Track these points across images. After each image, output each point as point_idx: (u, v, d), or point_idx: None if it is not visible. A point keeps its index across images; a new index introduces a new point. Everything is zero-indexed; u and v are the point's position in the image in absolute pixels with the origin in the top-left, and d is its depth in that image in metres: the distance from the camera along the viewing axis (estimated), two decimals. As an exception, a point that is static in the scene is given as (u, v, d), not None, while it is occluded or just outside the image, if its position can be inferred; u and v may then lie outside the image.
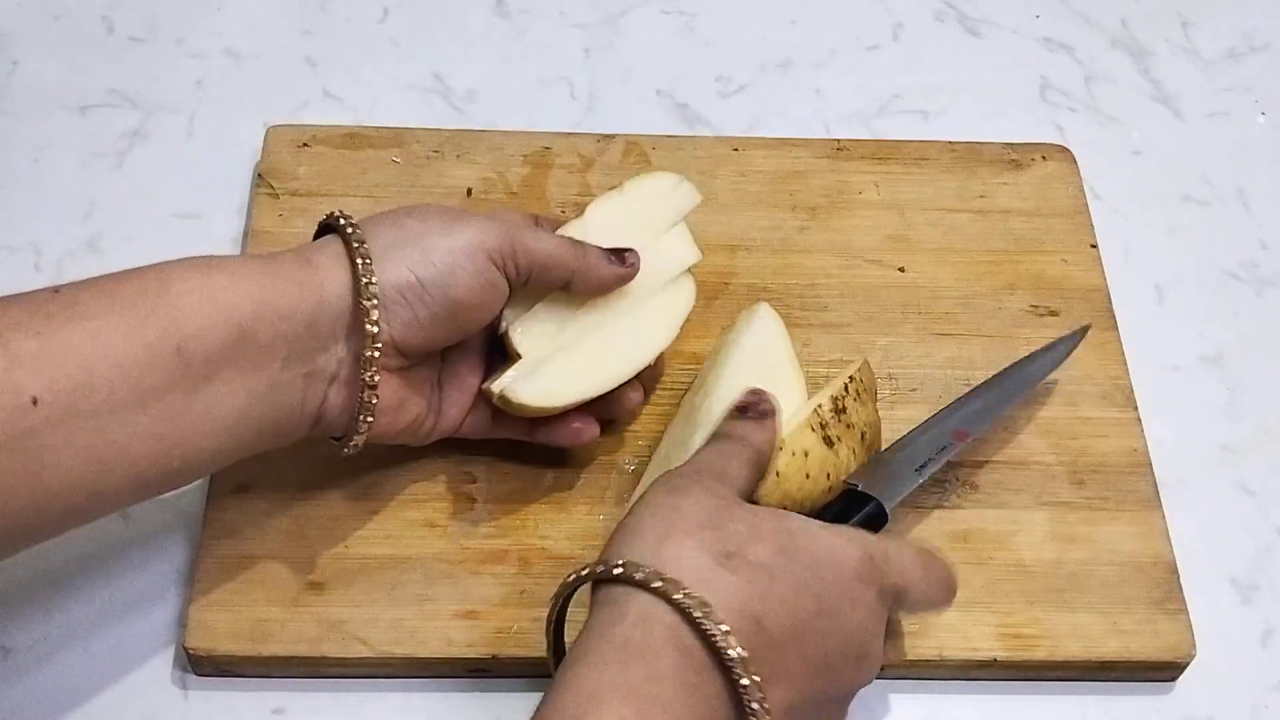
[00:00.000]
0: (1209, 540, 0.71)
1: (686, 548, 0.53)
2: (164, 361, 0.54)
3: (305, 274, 0.59)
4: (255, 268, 0.58)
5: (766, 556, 0.53)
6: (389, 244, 0.60)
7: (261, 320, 0.57)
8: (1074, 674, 0.66)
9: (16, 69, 0.86)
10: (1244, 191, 0.85)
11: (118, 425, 0.53)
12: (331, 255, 0.60)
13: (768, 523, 0.55)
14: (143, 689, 0.64)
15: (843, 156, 0.82)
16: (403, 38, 0.89)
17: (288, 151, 0.79)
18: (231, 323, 0.56)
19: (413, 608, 0.65)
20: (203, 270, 0.57)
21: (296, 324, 0.58)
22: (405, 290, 0.59)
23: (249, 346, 0.56)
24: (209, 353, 0.55)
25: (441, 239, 0.61)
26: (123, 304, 0.54)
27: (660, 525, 0.54)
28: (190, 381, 0.55)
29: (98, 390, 0.53)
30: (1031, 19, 0.93)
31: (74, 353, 0.52)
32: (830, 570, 0.54)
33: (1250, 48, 0.92)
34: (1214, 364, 0.78)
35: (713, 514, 0.54)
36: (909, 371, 0.73)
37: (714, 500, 0.55)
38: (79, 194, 0.80)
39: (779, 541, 0.54)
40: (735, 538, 0.53)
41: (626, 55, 0.89)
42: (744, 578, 0.52)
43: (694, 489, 0.56)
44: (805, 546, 0.54)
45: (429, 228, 0.61)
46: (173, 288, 0.55)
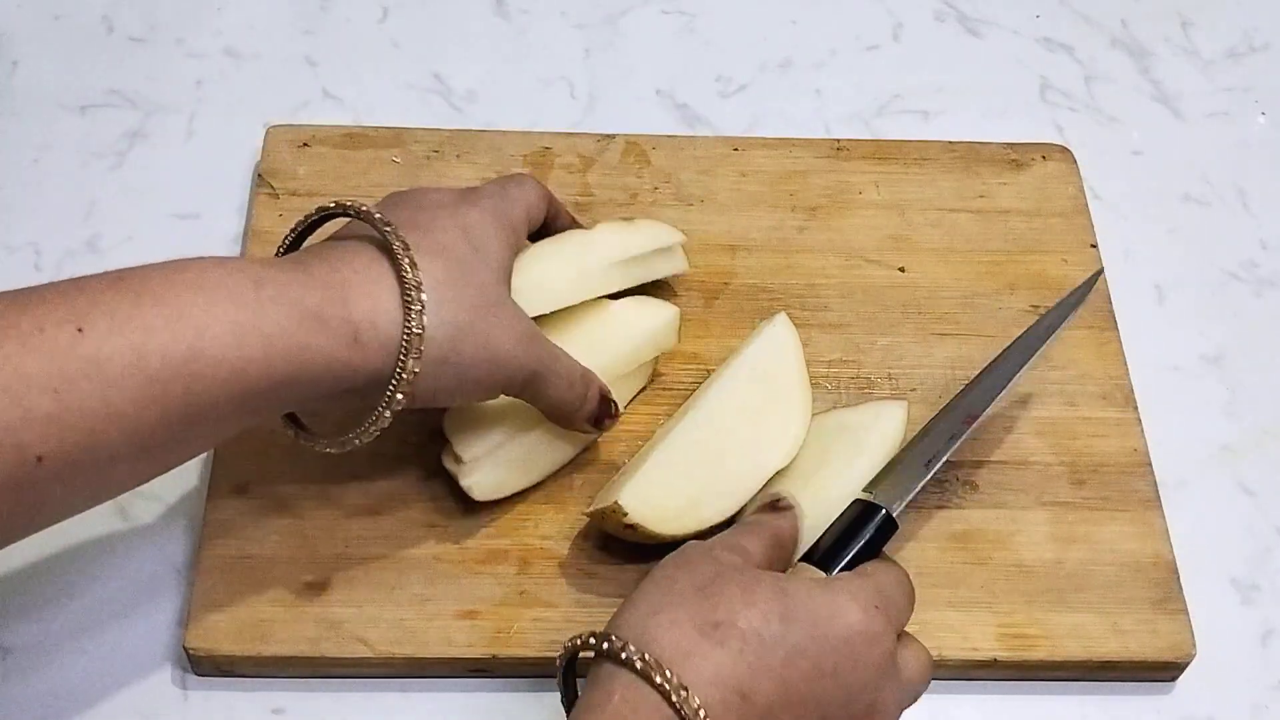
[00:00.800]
0: (1209, 540, 0.71)
1: (675, 620, 0.52)
2: (175, 425, 0.53)
3: (345, 352, 0.56)
4: (298, 336, 0.54)
5: (758, 623, 0.52)
6: (439, 359, 0.57)
7: (286, 392, 0.56)
8: (1074, 674, 0.66)
9: (16, 69, 0.86)
10: (1244, 191, 0.85)
11: (115, 471, 0.54)
12: (378, 341, 0.56)
13: (764, 587, 0.54)
14: (143, 689, 0.64)
15: (843, 156, 0.82)
16: (403, 38, 0.89)
17: (288, 151, 0.79)
18: (253, 394, 0.55)
19: (413, 608, 0.65)
20: (241, 335, 0.53)
21: (317, 394, 0.57)
22: (427, 397, 0.58)
23: (263, 407, 0.56)
24: (220, 416, 0.55)
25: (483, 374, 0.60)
26: (147, 373, 0.52)
27: (655, 597, 0.54)
28: (193, 434, 0.55)
29: (100, 450, 0.52)
30: (1031, 19, 0.93)
31: (87, 418, 0.51)
32: (829, 632, 0.53)
33: (1250, 48, 0.92)
34: (1214, 364, 0.78)
35: (709, 581, 0.54)
36: (909, 371, 0.73)
37: (714, 568, 0.55)
38: (79, 194, 0.80)
39: (774, 607, 0.53)
40: (726, 605, 0.53)
41: (626, 55, 0.89)
42: (731, 649, 0.52)
43: (698, 559, 0.56)
44: (803, 610, 0.53)
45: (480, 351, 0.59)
46: (204, 356, 0.53)
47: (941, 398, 0.72)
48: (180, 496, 0.69)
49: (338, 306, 0.56)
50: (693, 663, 0.51)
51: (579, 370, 0.64)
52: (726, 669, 0.51)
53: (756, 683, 0.51)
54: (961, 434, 0.65)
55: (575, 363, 0.64)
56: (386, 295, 0.57)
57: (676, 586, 0.54)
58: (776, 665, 0.52)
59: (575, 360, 0.64)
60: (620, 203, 0.79)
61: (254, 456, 0.68)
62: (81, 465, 0.52)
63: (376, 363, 0.57)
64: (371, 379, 0.57)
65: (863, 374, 0.73)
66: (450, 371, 0.58)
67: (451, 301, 0.58)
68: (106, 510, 0.68)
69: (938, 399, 0.72)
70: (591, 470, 0.69)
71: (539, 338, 0.62)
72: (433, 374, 0.57)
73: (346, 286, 0.56)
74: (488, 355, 0.59)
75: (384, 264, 0.57)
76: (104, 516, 0.68)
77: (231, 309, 0.54)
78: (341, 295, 0.56)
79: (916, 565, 0.66)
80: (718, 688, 0.51)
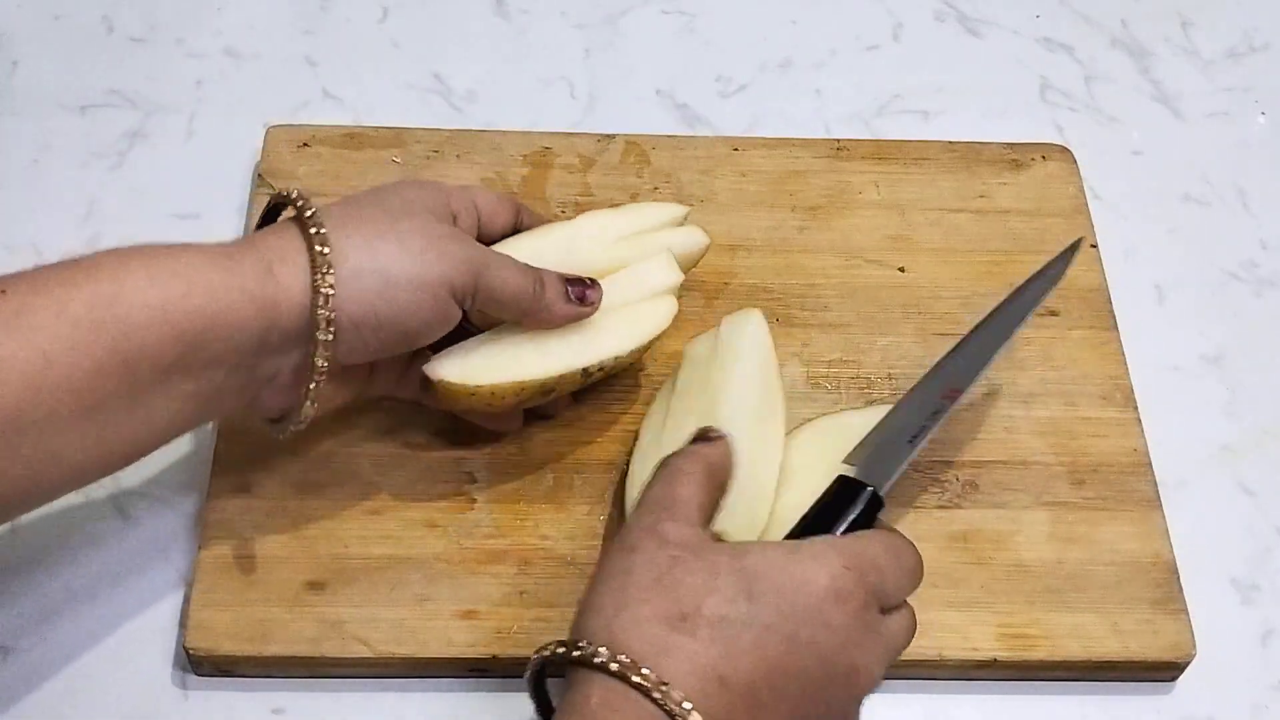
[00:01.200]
0: (1209, 540, 0.71)
1: (639, 617, 0.52)
2: (111, 375, 0.54)
3: (263, 286, 0.57)
4: (213, 274, 0.56)
5: (725, 607, 0.52)
6: (354, 271, 0.58)
7: (214, 334, 0.56)
8: (1074, 674, 0.66)
9: (16, 69, 0.86)
10: (1244, 191, 0.85)
11: (59, 435, 0.53)
12: (293, 268, 0.58)
13: (724, 567, 0.53)
14: (143, 689, 0.64)
15: (843, 156, 0.82)
16: (403, 38, 0.89)
17: (288, 151, 0.79)
18: (184, 337, 0.55)
19: (413, 608, 0.65)
20: (157, 277, 0.55)
21: (248, 337, 0.57)
22: (361, 323, 0.59)
23: (198, 357, 0.56)
24: (157, 365, 0.55)
25: (409, 271, 0.59)
26: (73, 317, 0.53)
27: (615, 595, 0.53)
28: (135, 392, 0.55)
29: (41, 404, 0.52)
30: (1031, 19, 0.93)
31: (20, 369, 0.52)
32: (799, 600, 0.53)
33: (1250, 48, 0.92)
34: (1214, 364, 0.78)
35: (665, 570, 0.53)
36: (909, 371, 0.73)
37: (665, 553, 0.54)
38: (79, 194, 0.80)
39: (738, 586, 0.53)
40: (690, 595, 0.52)
41: (626, 55, 0.89)
42: (702, 638, 0.51)
43: (645, 542, 0.54)
44: (767, 584, 0.53)
45: (400, 254, 0.59)
46: (125, 299, 0.54)
47: (941, 398, 0.72)
48: (180, 496, 0.69)
49: (248, 250, 0.58)
50: (667, 658, 0.51)
51: (520, 262, 0.64)
52: (701, 658, 0.51)
53: (733, 665, 0.51)
54: (944, 410, 0.64)
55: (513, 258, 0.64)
56: (292, 236, 0.59)
57: (634, 579, 0.53)
58: (749, 644, 0.52)
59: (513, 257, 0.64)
60: (620, 203, 0.79)
61: (254, 456, 0.68)
62: (22, 422, 0.52)
63: (294, 292, 0.57)
64: (295, 314, 0.57)
65: (863, 374, 0.73)
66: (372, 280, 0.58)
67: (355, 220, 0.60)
68: (107, 510, 0.68)
69: (938, 399, 0.72)
70: (591, 471, 0.69)
71: (463, 239, 0.62)
72: (355, 289, 0.58)
73: (254, 241, 0.59)
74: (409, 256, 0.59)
75: (292, 226, 0.60)
76: (104, 517, 0.68)
77: (147, 260, 0.56)
78: (250, 245, 0.59)
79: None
80: (696, 678, 0.51)
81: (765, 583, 0.53)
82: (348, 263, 0.58)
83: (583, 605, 0.54)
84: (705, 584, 0.53)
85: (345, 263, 0.58)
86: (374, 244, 0.59)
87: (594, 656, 0.51)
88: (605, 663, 0.51)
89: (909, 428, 0.63)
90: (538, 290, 0.63)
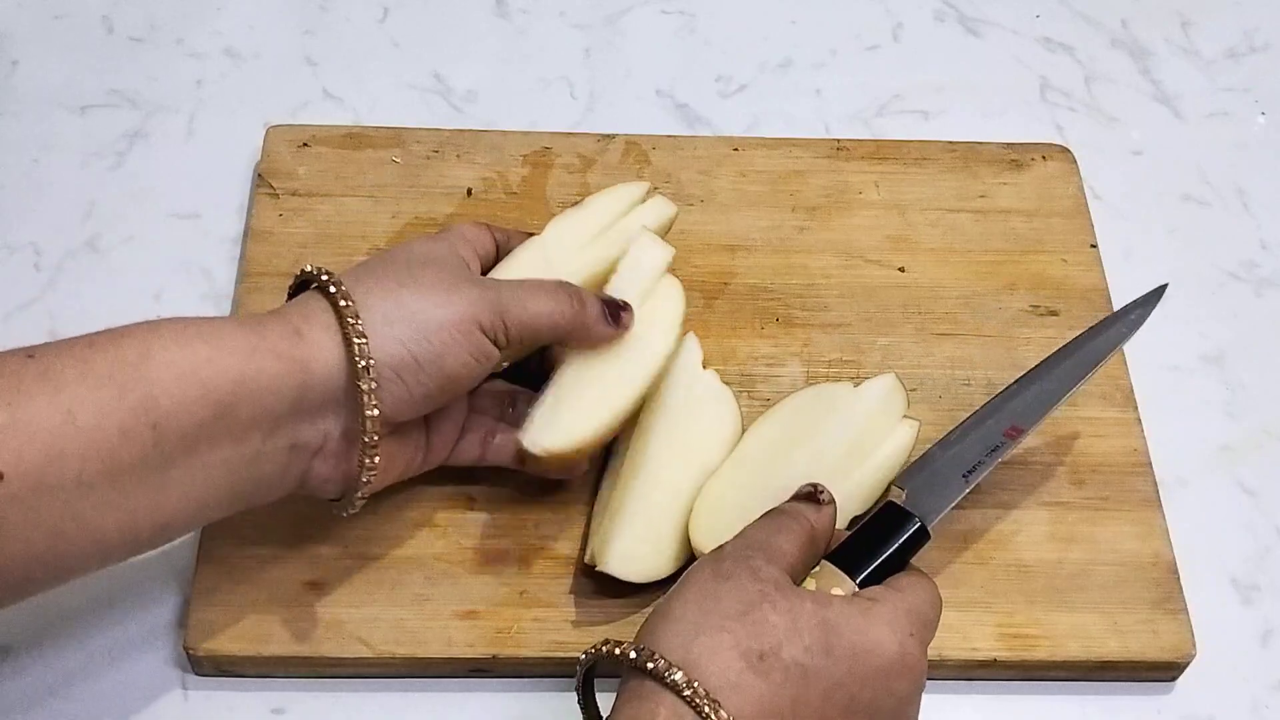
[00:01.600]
0: (1209, 540, 0.71)
1: (720, 645, 0.52)
2: (138, 438, 0.52)
3: (292, 346, 0.56)
4: (239, 338, 0.56)
5: (801, 655, 0.52)
6: (383, 319, 0.58)
7: (243, 396, 0.55)
8: (1074, 674, 0.66)
9: (16, 69, 0.86)
10: (1244, 191, 0.85)
11: (85, 500, 0.52)
12: (320, 327, 0.57)
13: (807, 615, 0.53)
14: (143, 689, 0.64)
15: (843, 156, 0.82)
16: (403, 38, 0.89)
17: (288, 151, 0.79)
18: (211, 399, 0.54)
19: (413, 608, 0.65)
20: (183, 340, 0.54)
21: (281, 400, 0.56)
22: (401, 369, 0.58)
23: (229, 422, 0.55)
24: (186, 429, 0.53)
25: (436, 312, 0.59)
26: (98, 376, 0.52)
27: (697, 615, 0.53)
28: (164, 457, 0.53)
29: (67, 466, 0.51)
30: (1031, 19, 0.93)
31: (44, 428, 0.50)
32: (870, 663, 0.53)
33: (1250, 48, 0.92)
34: (1214, 364, 0.78)
35: (752, 604, 0.53)
36: (909, 372, 0.73)
37: (756, 586, 0.54)
38: (79, 194, 0.80)
39: (816, 637, 0.53)
40: (771, 634, 0.52)
41: (626, 55, 0.89)
42: (774, 681, 0.52)
43: (739, 573, 0.54)
44: (844, 641, 0.53)
45: (423, 299, 0.59)
46: (152, 359, 0.53)
47: (941, 398, 0.72)
48: (180, 496, 0.69)
49: (275, 318, 0.58)
50: (738, 694, 0.51)
51: (551, 282, 0.64)
52: (769, 702, 0.51)
53: (796, 714, 0.52)
54: (1006, 447, 0.63)
55: (544, 280, 0.64)
56: (314, 299, 0.58)
57: (721, 607, 0.53)
58: (816, 699, 0.52)
59: (543, 279, 0.64)
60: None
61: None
62: (46, 484, 0.50)
63: (325, 350, 0.57)
64: (329, 373, 0.57)
65: (863, 374, 0.73)
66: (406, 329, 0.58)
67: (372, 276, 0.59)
68: (106, 510, 0.68)
69: (938, 399, 0.72)
70: (591, 469, 0.69)
71: (480, 279, 0.62)
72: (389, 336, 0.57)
73: (277, 310, 0.59)
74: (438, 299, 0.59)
75: (313, 293, 0.59)
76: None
77: (176, 326, 0.55)
78: (274, 312, 0.58)
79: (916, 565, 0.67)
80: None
81: (842, 639, 0.53)
82: (374, 311, 0.58)
83: (660, 614, 0.54)
84: (788, 627, 0.53)
85: (372, 311, 0.58)
86: (397, 293, 0.59)
87: (666, 672, 0.51)
88: (677, 683, 0.50)
89: (965, 461, 0.63)
90: (577, 309, 0.63)
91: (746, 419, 0.70)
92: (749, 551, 0.56)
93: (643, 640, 0.53)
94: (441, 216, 0.78)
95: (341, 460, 0.59)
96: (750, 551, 0.56)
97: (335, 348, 0.57)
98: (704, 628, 0.52)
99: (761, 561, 0.55)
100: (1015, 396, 0.66)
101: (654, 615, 0.54)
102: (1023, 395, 0.66)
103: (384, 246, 0.76)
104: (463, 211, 0.78)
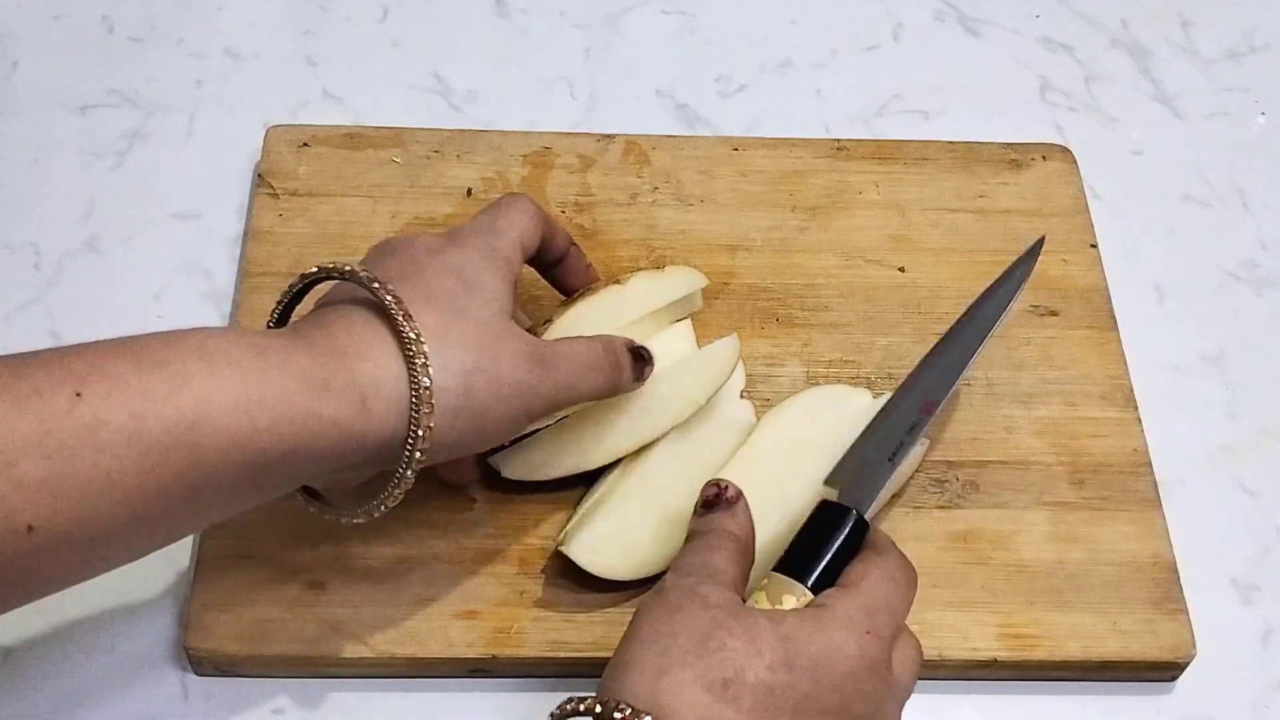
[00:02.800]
0: (1209, 540, 0.71)
1: (684, 683, 0.51)
2: (175, 496, 0.51)
3: (355, 420, 0.54)
4: (303, 401, 0.53)
5: (765, 674, 0.52)
6: (450, 408, 0.56)
7: (292, 461, 0.53)
8: (1074, 674, 0.66)
9: (16, 69, 0.86)
10: (1244, 191, 0.85)
11: (110, 548, 0.52)
12: (386, 402, 0.55)
13: (764, 633, 0.53)
14: (143, 689, 0.64)
15: (843, 156, 0.82)
16: (403, 38, 0.89)
17: (288, 151, 0.79)
18: (258, 465, 0.52)
19: (413, 608, 0.65)
20: (244, 402, 0.52)
21: (327, 465, 0.55)
22: (452, 448, 0.57)
23: (268, 480, 0.54)
24: (223, 488, 0.53)
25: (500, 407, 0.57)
26: (146, 442, 0.50)
27: (655, 655, 0.52)
28: (197, 509, 0.53)
29: (98, 523, 0.50)
30: (1031, 19, 0.93)
31: (83, 488, 0.49)
32: (833, 669, 0.53)
33: (1250, 48, 0.92)
34: (1214, 364, 0.78)
35: (708, 635, 0.52)
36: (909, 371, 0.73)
37: (708, 615, 0.53)
38: (79, 194, 0.80)
39: (777, 654, 0.52)
40: (732, 660, 0.52)
41: (626, 55, 0.89)
42: (744, 707, 0.51)
43: (688, 603, 0.54)
44: (804, 654, 0.53)
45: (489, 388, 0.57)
46: (205, 425, 0.51)
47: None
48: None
49: (342, 373, 0.54)
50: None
51: (596, 349, 0.62)
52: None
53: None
54: (922, 423, 0.64)
55: (589, 344, 0.62)
56: (388, 355, 0.55)
57: (677, 643, 0.52)
58: (787, 716, 0.52)
59: (587, 340, 0.62)
60: (620, 203, 0.79)
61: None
62: (73, 538, 0.50)
63: (388, 426, 0.55)
64: (383, 443, 0.55)
65: (863, 374, 0.73)
66: (466, 417, 0.56)
67: (454, 347, 0.56)
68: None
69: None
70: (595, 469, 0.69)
71: (547, 351, 0.60)
72: (448, 425, 0.56)
73: (347, 352, 0.55)
74: (502, 391, 0.57)
75: (379, 323, 0.56)
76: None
77: (236, 377, 0.52)
78: (343, 362, 0.55)
79: (916, 565, 0.66)
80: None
81: (801, 652, 0.53)
82: (445, 402, 0.55)
83: (619, 661, 0.53)
84: (747, 649, 0.52)
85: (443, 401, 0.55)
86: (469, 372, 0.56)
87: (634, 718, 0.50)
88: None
89: (888, 445, 0.63)
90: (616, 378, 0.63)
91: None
92: (690, 579, 0.55)
93: (607, 691, 0.52)
94: (441, 216, 0.78)
95: (363, 491, 0.59)
96: (692, 579, 0.55)
97: (396, 427, 0.55)
98: (665, 667, 0.51)
99: (708, 587, 0.55)
100: (922, 375, 0.67)
101: (613, 663, 0.53)
102: (930, 371, 0.67)
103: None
104: (463, 212, 0.78)
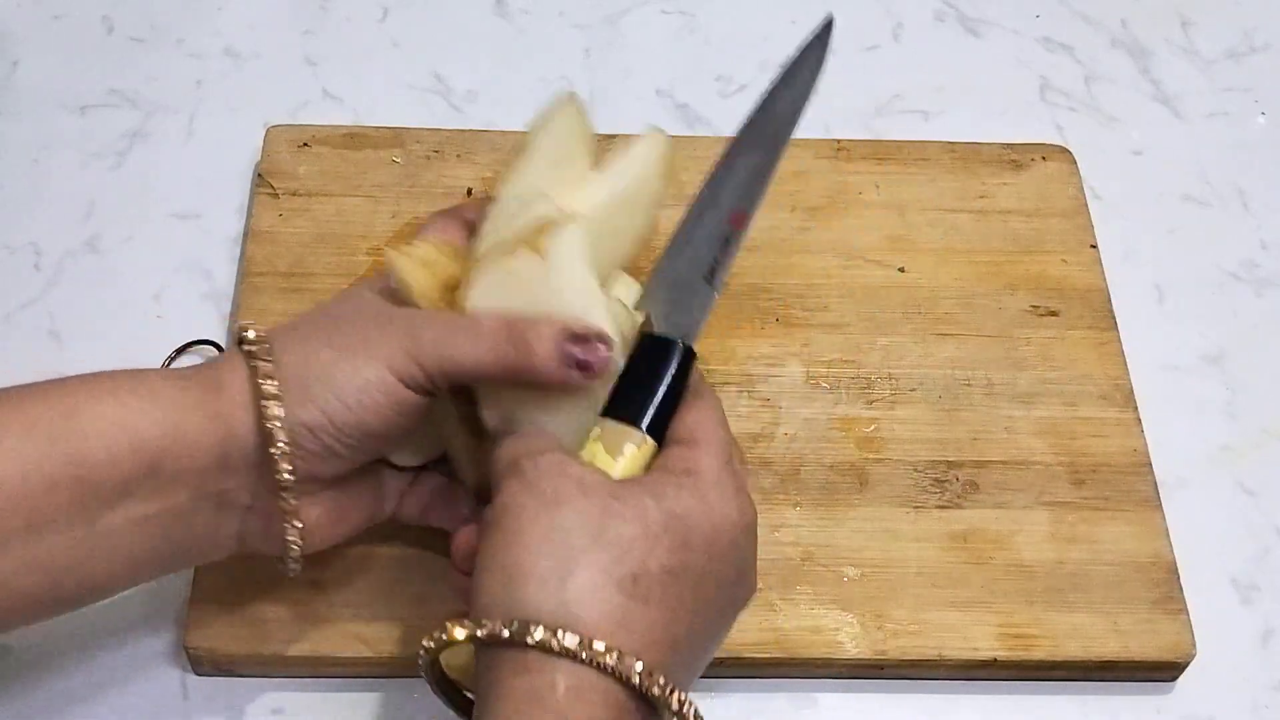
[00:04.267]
0: (1209, 540, 0.71)
1: (593, 586, 0.49)
2: (64, 489, 0.51)
3: (215, 402, 0.55)
4: (169, 391, 0.54)
5: (667, 559, 0.51)
6: (299, 378, 0.55)
7: (170, 452, 0.53)
8: (1074, 674, 0.66)
9: (16, 69, 0.86)
10: (1244, 191, 0.85)
11: (4, 555, 0.51)
12: (240, 382, 0.55)
13: (654, 514, 0.51)
14: (143, 689, 0.64)
15: (843, 157, 0.82)
16: (403, 38, 0.89)
17: (288, 151, 0.79)
18: (140, 453, 0.53)
19: (413, 608, 0.65)
20: (115, 393, 0.53)
21: (206, 457, 0.54)
22: (318, 430, 0.55)
23: (156, 478, 0.53)
24: (113, 483, 0.52)
25: (355, 373, 0.55)
26: (26, 425, 0.51)
27: (555, 563, 0.49)
28: (90, 511, 0.52)
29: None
30: (1031, 19, 0.93)
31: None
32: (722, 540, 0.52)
33: (1250, 48, 0.92)
34: (1214, 364, 0.78)
35: (601, 527, 0.50)
36: (909, 371, 0.73)
37: (593, 504, 0.51)
38: (79, 194, 0.80)
39: (675, 536, 0.51)
40: (634, 551, 0.50)
41: (626, 55, 0.89)
42: (655, 599, 0.50)
43: (566, 493, 0.51)
44: (696, 530, 0.52)
45: (340, 359, 0.55)
46: (83, 412, 0.52)
47: (941, 398, 0.72)
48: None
49: (202, 369, 0.57)
50: (628, 632, 0.49)
51: (492, 320, 0.56)
52: (659, 625, 0.50)
53: (681, 624, 0.51)
54: (736, 238, 0.61)
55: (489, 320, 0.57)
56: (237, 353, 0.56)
57: (571, 540, 0.50)
58: (689, 596, 0.51)
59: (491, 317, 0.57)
60: (620, 203, 0.79)
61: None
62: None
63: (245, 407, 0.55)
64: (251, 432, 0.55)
65: (863, 374, 0.73)
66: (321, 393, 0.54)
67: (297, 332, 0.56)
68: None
69: (938, 399, 0.72)
70: (591, 470, 0.69)
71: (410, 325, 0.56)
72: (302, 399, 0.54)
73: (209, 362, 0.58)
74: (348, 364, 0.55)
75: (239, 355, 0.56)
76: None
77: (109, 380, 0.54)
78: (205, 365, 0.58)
79: (917, 565, 0.67)
80: (657, 649, 0.49)
81: (695, 529, 0.52)
82: (291, 369, 0.55)
83: (509, 574, 0.50)
84: (644, 535, 0.51)
85: (287, 370, 0.55)
86: (318, 353, 0.55)
87: (558, 639, 0.47)
88: (576, 652, 0.47)
89: (701, 263, 0.60)
90: (514, 354, 0.56)
91: (747, 420, 0.70)
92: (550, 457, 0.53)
93: (503, 609, 0.49)
94: (441, 216, 0.78)
95: (274, 519, 0.57)
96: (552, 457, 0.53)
97: (254, 407, 0.55)
98: (567, 572, 0.49)
99: (572, 465, 0.52)
100: (724, 182, 0.62)
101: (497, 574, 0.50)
102: (732, 178, 0.62)
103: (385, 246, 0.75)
104: (463, 211, 0.78)
